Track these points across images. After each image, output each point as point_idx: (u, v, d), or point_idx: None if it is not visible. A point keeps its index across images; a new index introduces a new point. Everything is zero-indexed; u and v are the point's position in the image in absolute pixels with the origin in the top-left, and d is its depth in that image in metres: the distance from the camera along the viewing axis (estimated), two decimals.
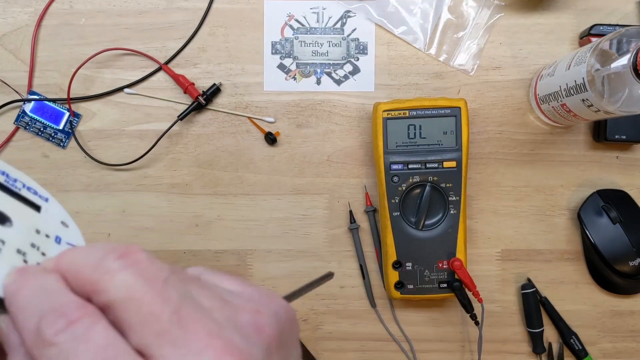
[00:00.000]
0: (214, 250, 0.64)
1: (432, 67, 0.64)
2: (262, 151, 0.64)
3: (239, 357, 0.21)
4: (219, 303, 0.23)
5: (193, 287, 0.23)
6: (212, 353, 0.21)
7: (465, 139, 0.60)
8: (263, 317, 0.23)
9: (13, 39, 0.64)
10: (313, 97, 0.64)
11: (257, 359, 0.21)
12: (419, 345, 0.64)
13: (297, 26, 0.64)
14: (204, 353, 0.21)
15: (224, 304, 0.23)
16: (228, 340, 0.21)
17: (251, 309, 0.23)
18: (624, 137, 0.62)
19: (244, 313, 0.23)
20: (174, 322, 0.21)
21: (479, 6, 0.64)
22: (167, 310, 0.21)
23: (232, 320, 0.22)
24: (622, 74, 0.47)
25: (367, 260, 0.64)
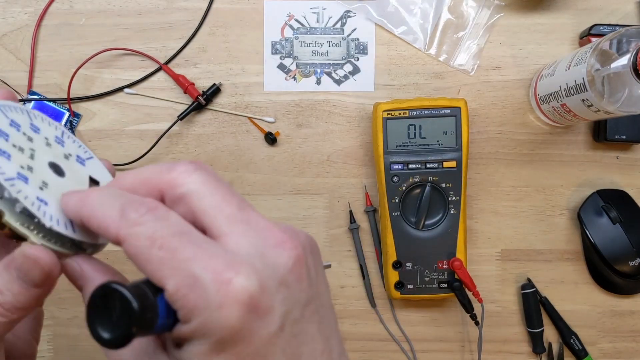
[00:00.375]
0: None
1: (432, 67, 0.64)
2: (262, 151, 0.64)
3: (296, 243, 0.26)
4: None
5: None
6: (272, 234, 0.26)
7: (465, 139, 0.60)
8: (295, 232, 0.27)
9: (13, 39, 0.64)
10: (313, 97, 0.65)
11: (304, 246, 0.27)
12: (419, 345, 0.65)
13: (297, 26, 0.64)
14: (267, 232, 0.26)
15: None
16: (284, 228, 0.26)
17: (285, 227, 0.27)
18: (624, 137, 0.62)
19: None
20: (241, 209, 0.26)
21: (479, 6, 0.64)
22: (234, 201, 0.26)
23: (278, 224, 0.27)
24: (622, 74, 0.47)
25: (367, 260, 0.64)
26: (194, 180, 0.26)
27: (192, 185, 0.26)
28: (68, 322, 0.64)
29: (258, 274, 0.24)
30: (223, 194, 0.26)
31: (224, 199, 0.26)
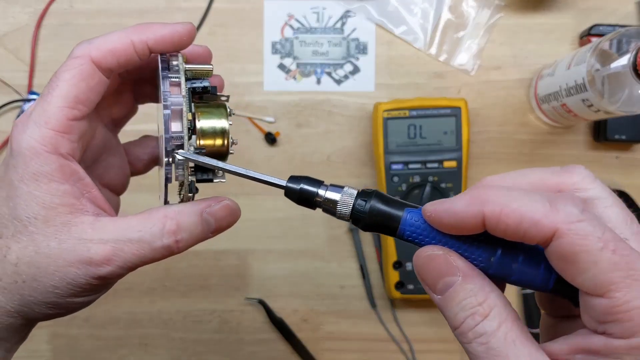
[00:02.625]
0: (214, 250, 0.64)
1: (432, 67, 0.64)
2: (262, 151, 0.64)
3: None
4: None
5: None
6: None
7: (465, 138, 0.60)
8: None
9: (13, 39, 0.64)
10: (313, 97, 0.64)
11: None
12: (419, 346, 0.64)
13: (297, 26, 0.64)
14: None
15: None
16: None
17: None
18: (624, 137, 0.62)
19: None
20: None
21: (479, 6, 0.64)
22: (633, 217, 0.26)
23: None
24: (622, 74, 0.47)
25: (367, 260, 0.64)
26: (599, 186, 0.26)
27: (598, 191, 0.26)
28: (68, 322, 0.64)
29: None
30: (624, 207, 0.26)
31: (627, 212, 0.26)
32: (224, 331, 0.65)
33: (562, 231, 0.23)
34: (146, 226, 0.30)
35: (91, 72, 0.30)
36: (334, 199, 0.29)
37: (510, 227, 0.24)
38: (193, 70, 0.33)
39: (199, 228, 0.31)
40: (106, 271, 0.29)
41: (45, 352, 0.64)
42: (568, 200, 0.24)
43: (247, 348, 0.65)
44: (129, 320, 0.65)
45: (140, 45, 0.31)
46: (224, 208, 0.32)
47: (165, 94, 0.30)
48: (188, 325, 0.65)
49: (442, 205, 0.26)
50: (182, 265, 0.64)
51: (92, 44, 0.31)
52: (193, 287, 0.65)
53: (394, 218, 0.28)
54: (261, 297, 0.64)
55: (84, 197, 0.30)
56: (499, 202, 0.25)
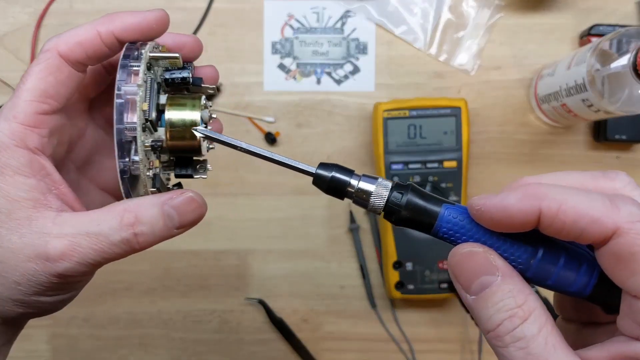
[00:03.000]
0: (214, 250, 0.64)
1: (432, 67, 0.64)
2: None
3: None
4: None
5: None
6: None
7: (465, 138, 0.60)
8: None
9: (13, 39, 0.64)
10: (313, 97, 0.64)
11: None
12: (419, 346, 0.64)
13: (297, 26, 0.64)
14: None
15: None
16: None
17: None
18: (624, 137, 0.62)
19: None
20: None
21: (479, 6, 0.64)
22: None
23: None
24: (622, 74, 0.47)
25: (368, 260, 0.64)
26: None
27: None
28: (67, 322, 0.64)
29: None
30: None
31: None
32: (224, 331, 0.65)
33: (623, 230, 0.23)
34: (105, 219, 0.29)
35: (59, 65, 0.30)
36: (367, 189, 0.28)
37: (567, 225, 0.23)
38: (158, 57, 0.31)
39: (161, 222, 0.29)
40: (63, 267, 0.28)
41: (44, 352, 0.64)
42: (628, 200, 0.23)
43: (247, 348, 0.65)
44: (129, 320, 0.65)
45: (107, 35, 0.30)
46: (188, 200, 0.30)
47: (119, 83, 0.29)
48: (188, 325, 0.65)
49: (492, 199, 0.25)
50: (182, 265, 0.64)
51: (59, 38, 0.30)
52: (193, 287, 0.65)
53: (431, 213, 0.27)
54: (261, 297, 0.64)
55: (51, 193, 0.30)
56: (558, 198, 0.24)
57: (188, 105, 0.31)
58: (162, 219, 0.29)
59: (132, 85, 0.29)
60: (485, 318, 0.25)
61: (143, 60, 0.30)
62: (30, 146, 0.29)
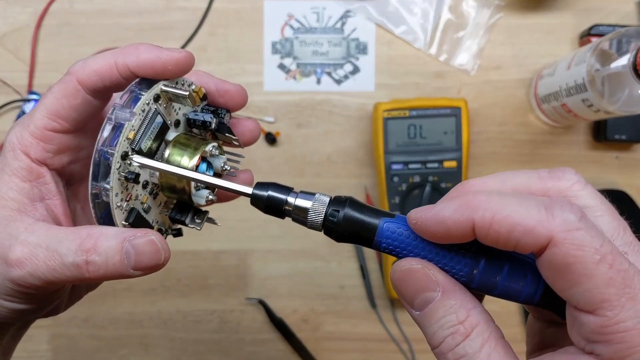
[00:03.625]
0: (214, 250, 0.64)
1: (432, 67, 0.64)
2: (262, 151, 0.64)
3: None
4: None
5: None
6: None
7: (465, 138, 0.60)
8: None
9: (13, 39, 0.64)
10: (313, 97, 0.64)
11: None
12: (419, 346, 0.64)
13: (297, 26, 0.64)
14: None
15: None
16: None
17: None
18: (624, 137, 0.62)
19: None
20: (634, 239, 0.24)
21: (479, 6, 0.64)
22: (626, 227, 0.24)
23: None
24: (622, 74, 0.47)
25: (368, 260, 0.64)
26: (590, 193, 0.25)
27: (589, 199, 0.25)
28: (67, 322, 0.64)
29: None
30: (617, 215, 0.25)
31: (620, 221, 0.24)
32: (224, 331, 0.65)
33: (557, 240, 0.22)
34: (67, 239, 0.28)
35: (74, 90, 0.30)
36: (304, 206, 0.27)
37: (502, 236, 0.22)
38: (168, 92, 0.30)
39: (117, 257, 0.28)
40: (17, 274, 0.28)
41: (45, 352, 0.64)
42: (565, 206, 0.22)
43: (247, 348, 0.65)
44: (129, 320, 0.65)
45: (123, 68, 0.30)
46: (148, 243, 0.29)
47: (115, 104, 0.29)
48: (188, 325, 0.65)
49: (428, 212, 0.24)
50: (182, 265, 0.64)
51: (82, 63, 0.30)
52: (193, 287, 0.65)
53: (369, 228, 0.26)
54: (261, 297, 0.64)
55: (42, 202, 0.30)
56: (491, 208, 0.23)
57: (191, 148, 0.31)
58: (119, 254, 0.28)
59: (127, 110, 0.28)
60: (430, 334, 0.25)
61: (152, 90, 0.29)
62: (32, 156, 0.30)
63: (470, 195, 0.24)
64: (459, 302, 0.24)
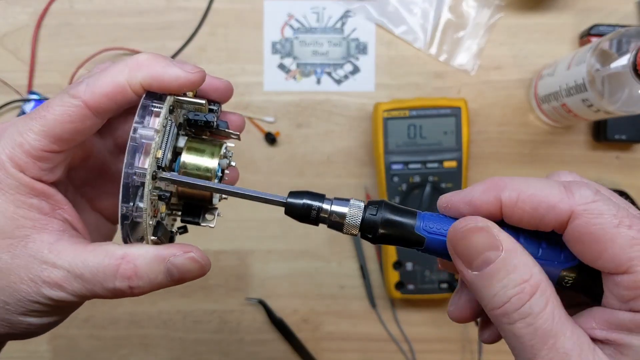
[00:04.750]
0: (214, 250, 0.64)
1: (432, 67, 0.64)
2: (262, 151, 0.64)
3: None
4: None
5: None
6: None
7: (465, 139, 0.60)
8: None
9: (13, 39, 0.64)
10: (313, 97, 0.64)
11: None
12: (420, 346, 0.64)
13: (297, 26, 0.64)
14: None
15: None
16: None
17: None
18: (624, 137, 0.62)
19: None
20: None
21: (479, 6, 0.64)
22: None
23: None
24: (622, 74, 0.47)
25: (368, 260, 0.64)
26: (587, 186, 0.26)
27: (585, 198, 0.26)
28: (67, 322, 0.64)
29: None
30: (619, 198, 0.26)
31: (623, 201, 0.26)
32: (224, 331, 0.65)
33: (577, 212, 0.24)
34: (101, 264, 0.28)
35: (82, 117, 0.28)
36: (341, 212, 0.28)
37: (527, 213, 0.24)
38: (183, 102, 0.30)
39: (160, 277, 0.29)
40: (57, 295, 0.28)
41: (45, 352, 0.64)
42: (582, 185, 0.25)
43: (247, 348, 0.65)
44: (129, 320, 0.65)
45: (135, 86, 0.29)
46: (190, 261, 0.29)
47: (136, 125, 0.28)
48: (188, 326, 0.65)
49: (457, 195, 0.26)
50: None
51: (88, 86, 0.29)
52: (193, 287, 0.65)
53: (408, 226, 0.27)
54: (261, 297, 0.64)
55: (54, 213, 0.29)
56: (516, 188, 0.25)
57: (207, 152, 0.30)
58: (162, 274, 0.29)
59: (150, 128, 0.28)
60: (490, 295, 0.24)
61: (166, 102, 0.28)
62: (28, 174, 0.28)
63: (496, 178, 0.26)
64: (522, 260, 0.24)
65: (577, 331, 0.24)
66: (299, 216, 0.29)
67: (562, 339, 0.23)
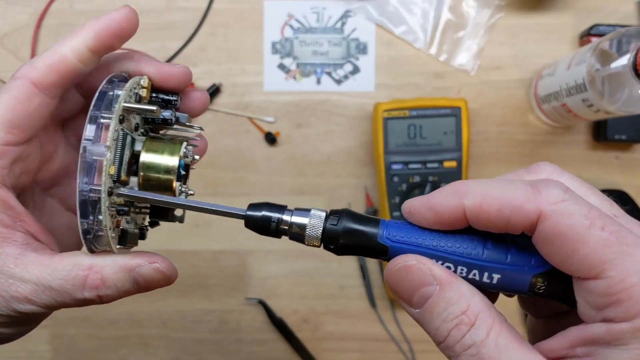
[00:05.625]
0: (214, 250, 0.64)
1: (432, 67, 0.64)
2: (262, 151, 0.64)
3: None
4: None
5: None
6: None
7: (465, 139, 0.60)
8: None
9: (13, 39, 0.64)
10: (313, 97, 0.64)
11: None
12: (420, 346, 0.64)
13: (297, 26, 0.64)
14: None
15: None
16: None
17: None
18: (624, 137, 0.62)
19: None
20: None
21: (479, 6, 0.64)
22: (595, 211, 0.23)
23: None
24: (622, 74, 0.47)
25: (368, 260, 0.64)
26: (569, 178, 0.26)
27: (570, 183, 0.25)
28: (67, 322, 0.64)
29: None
30: (600, 193, 0.26)
31: (605, 198, 0.25)
32: (223, 331, 0.65)
33: (546, 213, 0.22)
34: (69, 274, 0.28)
35: (29, 94, 0.27)
36: (301, 223, 0.27)
37: (493, 216, 0.23)
38: (133, 109, 0.28)
39: (127, 285, 0.29)
40: (27, 308, 0.28)
41: (45, 352, 0.64)
42: (550, 183, 0.23)
43: (247, 348, 0.65)
44: (129, 320, 0.65)
45: (80, 51, 0.28)
46: (155, 271, 0.29)
47: (85, 143, 0.26)
48: (188, 326, 0.65)
49: (419, 200, 0.25)
50: (182, 265, 0.64)
51: (30, 64, 0.28)
52: (192, 287, 0.65)
53: (370, 235, 0.26)
54: (261, 297, 0.64)
55: (14, 226, 0.28)
56: (479, 192, 0.23)
57: (165, 152, 0.29)
58: (128, 282, 0.29)
59: (100, 145, 0.27)
60: (433, 330, 0.24)
61: (115, 113, 0.27)
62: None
63: (459, 182, 0.25)
64: (458, 292, 0.24)
65: (528, 357, 0.23)
66: (259, 228, 0.28)
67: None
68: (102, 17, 0.28)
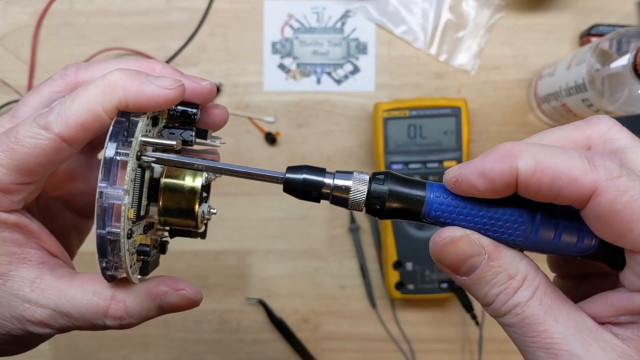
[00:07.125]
0: (214, 250, 0.64)
1: (432, 67, 0.64)
2: (262, 151, 0.64)
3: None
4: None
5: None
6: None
7: (465, 138, 0.60)
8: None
9: (13, 39, 0.64)
10: (313, 97, 0.64)
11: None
12: (420, 346, 0.64)
13: (297, 26, 0.64)
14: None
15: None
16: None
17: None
18: None
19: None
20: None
21: (479, 6, 0.64)
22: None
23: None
24: (622, 74, 0.47)
25: (368, 260, 0.64)
26: (627, 135, 0.25)
27: (628, 140, 0.25)
28: None
29: None
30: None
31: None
32: (224, 331, 0.65)
33: (601, 188, 0.22)
34: (89, 303, 0.27)
35: (57, 149, 0.26)
36: (344, 186, 0.26)
37: (544, 185, 0.22)
38: (151, 144, 0.27)
39: (152, 312, 0.29)
40: (43, 331, 0.28)
41: (46, 352, 0.64)
42: (605, 156, 0.22)
43: (247, 348, 0.65)
44: None
45: (111, 111, 0.26)
46: (182, 299, 0.29)
47: (100, 187, 0.25)
48: (188, 325, 0.65)
49: (467, 167, 0.24)
50: (182, 265, 0.64)
51: (61, 117, 0.26)
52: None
53: (416, 199, 0.25)
54: (261, 297, 0.64)
55: (29, 244, 0.28)
56: (533, 156, 0.22)
57: (188, 172, 0.29)
58: (154, 310, 0.29)
59: (117, 188, 0.25)
60: (482, 295, 0.25)
61: (133, 150, 0.25)
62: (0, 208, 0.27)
63: (509, 145, 0.23)
64: (507, 259, 0.24)
65: (574, 316, 0.23)
66: (298, 193, 0.27)
67: (552, 325, 0.23)
68: (149, 85, 0.26)
